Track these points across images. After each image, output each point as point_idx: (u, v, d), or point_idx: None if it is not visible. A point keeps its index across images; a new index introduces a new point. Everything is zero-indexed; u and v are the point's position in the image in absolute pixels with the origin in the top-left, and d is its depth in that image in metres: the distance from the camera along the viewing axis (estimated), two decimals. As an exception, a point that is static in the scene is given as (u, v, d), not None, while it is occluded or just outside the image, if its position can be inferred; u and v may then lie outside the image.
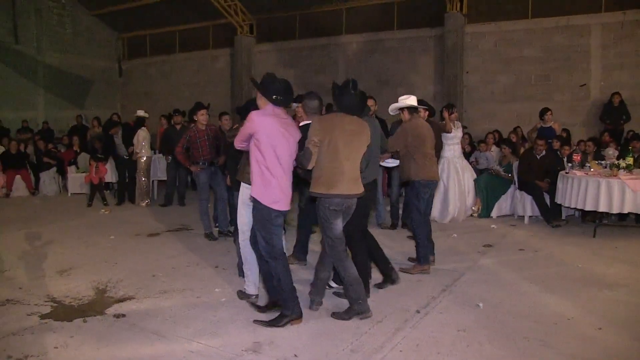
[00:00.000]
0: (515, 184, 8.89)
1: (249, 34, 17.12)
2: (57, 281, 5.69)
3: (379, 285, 5.36)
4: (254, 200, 4.33)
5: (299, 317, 4.39)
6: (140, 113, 11.46)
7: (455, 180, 8.78)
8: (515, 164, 9.01)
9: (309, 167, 4.41)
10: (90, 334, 4.25)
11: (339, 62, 15.84)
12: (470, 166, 9.30)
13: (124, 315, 4.64)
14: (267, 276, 4.66)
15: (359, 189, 4.52)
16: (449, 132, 8.40)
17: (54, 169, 12.52)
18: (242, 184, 4.96)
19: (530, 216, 8.62)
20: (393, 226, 8.23)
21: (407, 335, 4.17)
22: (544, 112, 10.19)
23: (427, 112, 7.38)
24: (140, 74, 20.14)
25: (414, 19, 14.68)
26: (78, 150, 12.77)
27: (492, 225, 8.38)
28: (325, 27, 15.98)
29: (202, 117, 7.63)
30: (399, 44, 14.97)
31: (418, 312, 4.67)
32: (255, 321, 4.45)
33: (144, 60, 20.06)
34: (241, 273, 5.42)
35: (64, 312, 4.75)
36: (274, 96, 4.30)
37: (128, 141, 10.81)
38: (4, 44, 17.02)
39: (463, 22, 13.79)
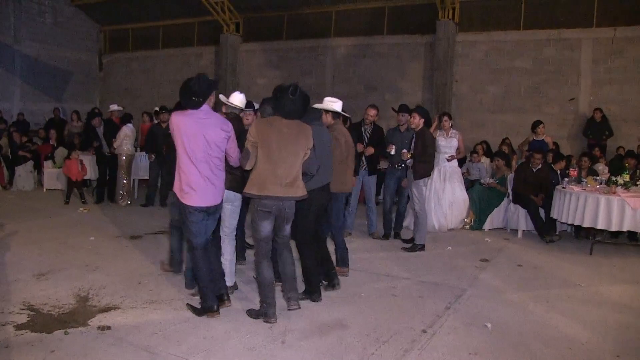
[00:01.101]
0: (509, 196, 8.73)
1: (235, 32, 16.82)
2: (35, 286, 5.29)
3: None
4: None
5: (213, 310, 4.57)
6: (114, 107, 11.09)
7: (449, 190, 8.64)
8: (509, 177, 8.85)
9: (248, 168, 4.59)
10: (73, 349, 3.88)
11: (326, 65, 15.61)
12: (460, 175, 9.11)
13: (109, 328, 4.29)
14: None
15: (296, 192, 4.59)
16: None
17: (31, 162, 11.99)
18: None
19: (523, 230, 8.45)
20: (386, 236, 7.98)
21: (416, 358, 3.92)
22: (536, 124, 10.08)
23: (422, 120, 7.20)
24: (121, 69, 19.65)
25: (405, 25, 14.55)
26: (55, 145, 12.29)
27: (486, 239, 8.19)
28: (314, 29, 15.76)
29: None
30: (388, 50, 14.82)
31: (425, 332, 4.42)
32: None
33: (125, 55, 19.59)
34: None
35: (43, 322, 4.38)
36: (193, 98, 4.48)
37: (110, 137, 10.39)
38: (-21, 31, 16.44)
39: (454, 30, 13.70)
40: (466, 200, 8.89)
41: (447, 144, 8.60)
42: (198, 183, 4.48)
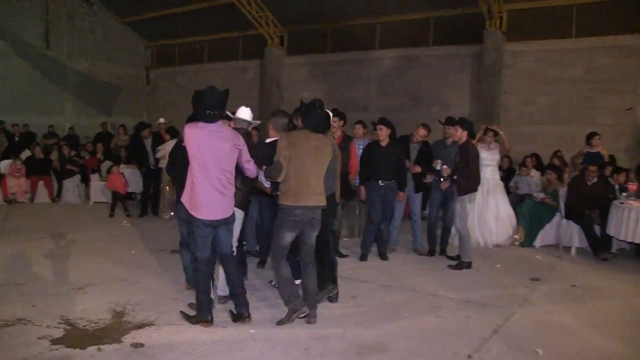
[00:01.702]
0: (561, 212, 8.31)
1: (279, 45, 16.82)
2: (73, 300, 5.28)
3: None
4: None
5: (207, 320, 4.63)
6: (161, 121, 11.26)
7: (492, 204, 8.30)
8: (562, 191, 8.44)
9: (280, 180, 4.71)
10: (104, 367, 3.81)
11: (371, 77, 15.41)
12: (503, 189, 8.73)
13: (142, 345, 4.19)
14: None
15: (323, 201, 4.85)
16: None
17: (77, 176, 12.22)
18: None
19: (577, 247, 8.02)
20: (431, 253, 7.69)
21: (461, 387, 3.67)
22: (591, 136, 9.60)
23: (464, 132, 6.95)
24: (167, 83, 19.96)
25: (451, 36, 14.22)
26: (102, 158, 12.49)
27: (537, 256, 7.80)
28: (359, 41, 15.59)
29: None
30: (434, 61, 14.50)
31: (470, 357, 4.15)
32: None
33: (172, 70, 19.91)
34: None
35: (78, 338, 4.32)
36: (208, 111, 4.48)
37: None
38: (35, 48, 17.04)
39: (502, 39, 13.28)
40: (511, 215, 8.53)
41: (490, 155, 8.27)
42: (208, 196, 4.50)
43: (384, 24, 15.28)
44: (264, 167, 4.97)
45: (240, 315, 4.76)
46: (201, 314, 4.67)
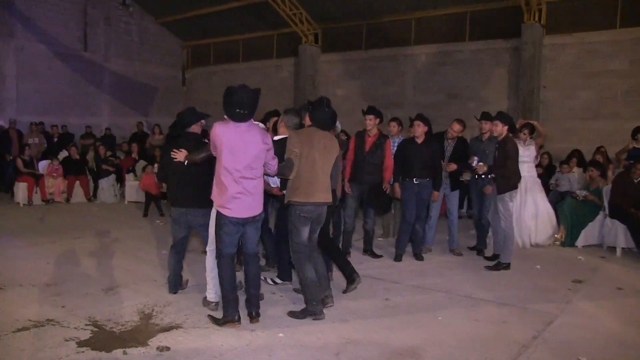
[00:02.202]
0: (605, 210, 7.95)
1: (313, 43, 16.68)
2: (102, 301, 5.24)
3: (344, 291, 5.52)
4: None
5: (234, 320, 4.56)
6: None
7: (530, 201, 7.99)
8: (605, 189, 8.08)
9: (291, 177, 4.78)
10: (128, 371, 3.73)
11: (407, 73, 15.15)
12: (541, 186, 8.39)
13: (168, 349, 4.10)
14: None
15: (330, 198, 4.96)
16: None
17: (113, 176, 12.34)
18: None
19: (622, 248, 7.66)
20: (480, 252, 7.53)
21: (499, 398, 3.46)
22: (637, 131, 9.19)
23: (505, 127, 6.68)
24: (203, 83, 20.07)
25: (488, 30, 13.85)
26: (137, 158, 12.58)
27: (579, 257, 7.48)
28: (394, 38, 15.35)
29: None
30: (470, 56, 14.16)
31: (509, 365, 3.94)
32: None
33: (207, 69, 20.01)
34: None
35: (104, 340, 4.26)
36: (238, 110, 4.42)
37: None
38: (73, 51, 17.29)
39: (541, 33, 12.85)
40: (551, 213, 8.20)
41: (525, 152, 7.94)
42: (236, 195, 4.46)
43: (419, 20, 14.99)
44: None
45: (249, 314, 4.71)
46: (228, 314, 4.59)
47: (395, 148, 7.32)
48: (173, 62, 20.33)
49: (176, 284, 5.59)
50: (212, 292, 5.05)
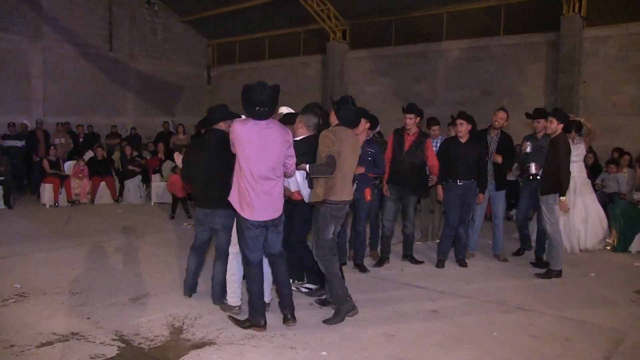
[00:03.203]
0: (660, 213, 7.43)
1: (341, 39, 16.30)
2: (129, 312, 4.91)
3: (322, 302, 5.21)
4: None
5: (260, 325, 4.43)
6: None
7: (580, 204, 7.49)
8: (659, 189, 7.56)
9: (332, 175, 4.64)
10: (158, 396, 3.38)
11: (438, 70, 14.69)
12: (591, 188, 7.88)
13: (201, 368, 3.75)
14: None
15: (352, 195, 4.99)
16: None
17: (139, 177, 12.08)
18: None
19: (682, 253, 7.14)
20: (521, 251, 7.20)
21: None
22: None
23: (560, 125, 6.20)
24: (228, 81, 19.81)
25: (524, 23, 13.33)
26: (163, 158, 12.31)
27: (636, 263, 6.97)
28: (424, 33, 14.91)
29: None
30: (505, 51, 13.64)
31: (583, 392, 3.50)
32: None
33: (232, 67, 19.77)
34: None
35: (132, 358, 3.93)
36: (257, 108, 4.25)
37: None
38: (99, 51, 17.21)
39: (581, 25, 12.29)
40: (602, 216, 7.68)
41: (574, 151, 7.40)
42: (257, 196, 4.30)
43: (451, 14, 14.52)
44: (307, 166, 4.72)
45: (284, 318, 4.59)
46: (254, 318, 4.45)
47: (436, 148, 6.90)
48: (198, 60, 20.14)
49: (192, 288, 5.35)
50: (235, 296, 4.92)
